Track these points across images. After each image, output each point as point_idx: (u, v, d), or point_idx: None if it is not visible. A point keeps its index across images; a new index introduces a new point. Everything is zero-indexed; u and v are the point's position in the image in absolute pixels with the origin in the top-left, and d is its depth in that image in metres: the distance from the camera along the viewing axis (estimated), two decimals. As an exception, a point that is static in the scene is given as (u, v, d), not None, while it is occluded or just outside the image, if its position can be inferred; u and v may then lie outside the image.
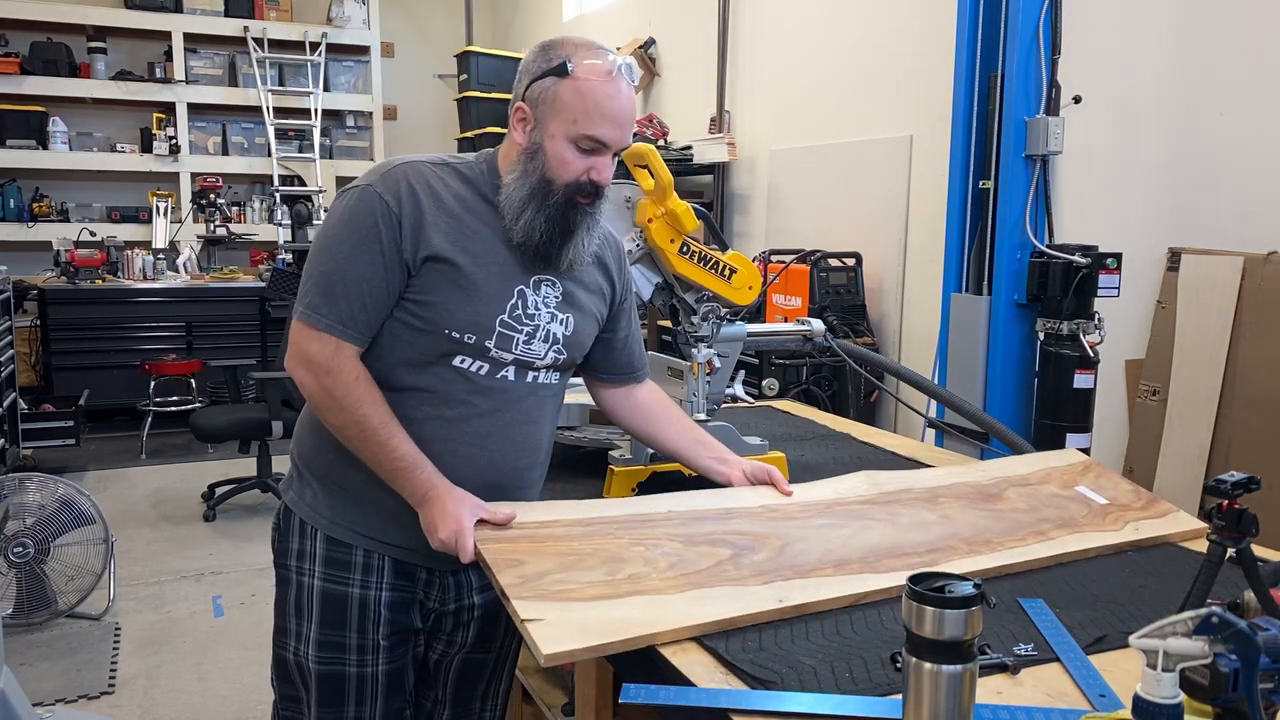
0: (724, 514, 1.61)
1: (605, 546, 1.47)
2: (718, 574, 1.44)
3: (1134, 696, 0.89)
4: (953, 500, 1.75)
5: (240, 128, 7.99)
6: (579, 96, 1.50)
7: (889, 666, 1.23)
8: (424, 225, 1.51)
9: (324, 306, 1.50)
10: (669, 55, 6.37)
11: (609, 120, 1.52)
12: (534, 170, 1.54)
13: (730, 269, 1.98)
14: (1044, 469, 1.93)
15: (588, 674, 1.63)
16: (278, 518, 1.70)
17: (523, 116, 1.55)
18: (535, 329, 1.59)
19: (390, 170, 1.55)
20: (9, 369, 5.34)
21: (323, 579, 1.62)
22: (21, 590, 3.53)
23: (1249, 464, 1.57)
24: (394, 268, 1.51)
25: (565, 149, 1.52)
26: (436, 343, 1.54)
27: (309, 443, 1.66)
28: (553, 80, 1.51)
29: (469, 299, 1.53)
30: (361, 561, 1.62)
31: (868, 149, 4.62)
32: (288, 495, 1.69)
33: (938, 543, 1.60)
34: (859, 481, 1.77)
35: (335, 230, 1.54)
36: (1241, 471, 1.41)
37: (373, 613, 1.61)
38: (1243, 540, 1.35)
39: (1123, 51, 3.57)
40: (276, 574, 1.69)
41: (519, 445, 1.64)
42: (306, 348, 1.52)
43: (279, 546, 1.68)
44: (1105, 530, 1.73)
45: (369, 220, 1.50)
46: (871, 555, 1.54)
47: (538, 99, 1.52)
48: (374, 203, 1.51)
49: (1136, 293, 3.50)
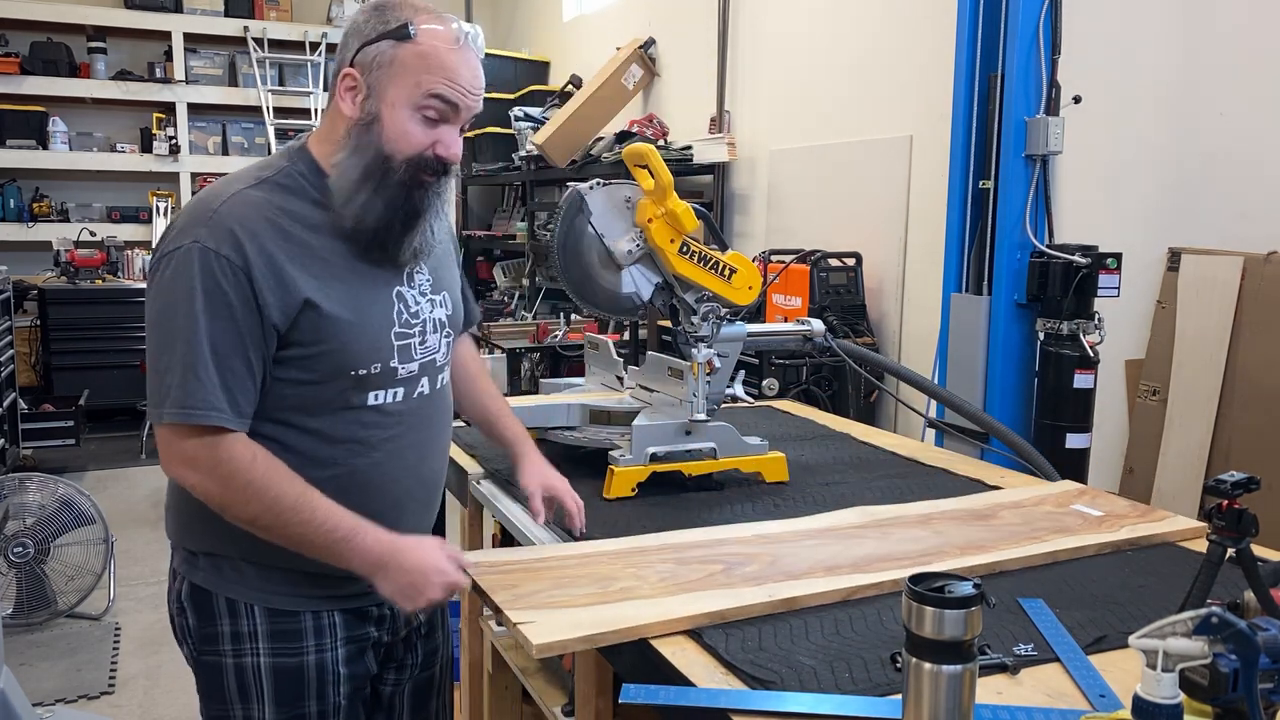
0: (717, 542, 1.63)
1: (597, 570, 1.49)
2: (709, 583, 1.46)
3: (1134, 696, 0.89)
4: (946, 521, 1.77)
5: (240, 128, 7.99)
6: (422, 59, 1.34)
7: (889, 666, 1.23)
8: (279, 269, 1.32)
9: (188, 400, 1.28)
10: (669, 55, 6.37)
11: (457, 84, 1.36)
12: (369, 145, 1.36)
13: (730, 269, 1.98)
14: (1039, 495, 1.96)
15: (588, 674, 1.63)
16: (179, 601, 1.49)
17: (352, 84, 1.36)
18: (423, 324, 1.48)
19: (214, 217, 1.32)
20: (9, 369, 5.34)
21: (272, 655, 1.44)
22: (21, 590, 3.53)
23: (1249, 464, 1.57)
24: (259, 332, 1.32)
25: (407, 118, 1.35)
26: (342, 387, 1.39)
27: (207, 528, 1.42)
28: (390, 44, 1.34)
29: (359, 327, 1.38)
30: (312, 625, 1.46)
31: (868, 149, 4.62)
32: (194, 576, 1.47)
33: (930, 550, 1.62)
34: (852, 514, 1.80)
35: (175, 305, 1.29)
36: (1241, 471, 1.41)
37: (331, 675, 1.48)
38: (1243, 540, 1.35)
39: (1123, 51, 3.57)
40: (198, 664, 1.49)
41: (442, 449, 1.61)
42: (182, 449, 1.31)
43: (199, 633, 1.47)
44: (1101, 533, 1.74)
45: (213, 284, 1.29)
46: (863, 562, 1.56)
47: (372, 63, 1.34)
48: (213, 262, 1.29)
49: (1136, 293, 3.50)
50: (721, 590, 1.43)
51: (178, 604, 1.50)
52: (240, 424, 1.33)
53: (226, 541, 1.42)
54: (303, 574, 1.43)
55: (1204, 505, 3.04)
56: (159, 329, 1.32)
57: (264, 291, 1.31)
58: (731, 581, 1.47)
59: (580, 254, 1.95)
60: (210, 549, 1.45)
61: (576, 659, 1.66)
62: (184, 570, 1.49)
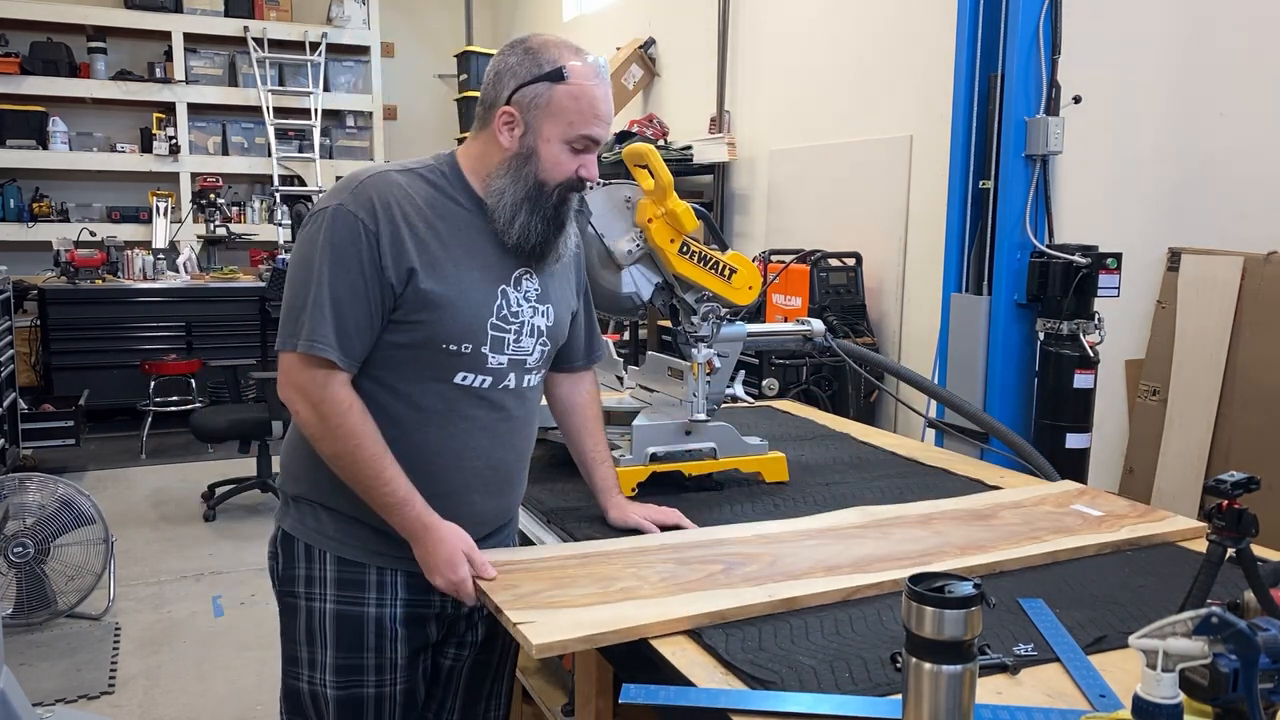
0: (717, 542, 1.64)
1: (598, 570, 1.50)
2: (709, 583, 1.46)
3: (1134, 696, 0.89)
4: (946, 521, 1.77)
5: (240, 128, 7.99)
6: (574, 100, 1.52)
7: (889, 666, 1.23)
8: (402, 240, 1.49)
9: (312, 334, 1.47)
10: (669, 55, 6.37)
11: (602, 121, 1.56)
12: (528, 175, 1.54)
13: (730, 269, 1.98)
14: (1039, 495, 1.96)
15: (588, 674, 1.63)
16: (274, 545, 1.66)
17: (510, 120, 1.54)
18: (521, 325, 1.60)
19: (359, 186, 1.52)
20: (9, 369, 5.34)
21: (336, 602, 1.58)
22: (21, 590, 3.53)
23: (1249, 464, 1.57)
24: (378, 288, 1.49)
25: (560, 151, 1.54)
26: (434, 358, 1.53)
27: (304, 472, 1.62)
28: (546, 86, 1.52)
29: (458, 308, 1.52)
30: (375, 580, 1.59)
31: (868, 149, 4.62)
32: (285, 522, 1.64)
33: (930, 550, 1.62)
34: (852, 514, 1.80)
35: (313, 255, 1.49)
36: (1241, 471, 1.41)
37: (389, 631, 1.59)
38: (1243, 540, 1.35)
39: (1123, 51, 3.57)
40: (281, 603, 1.65)
41: (519, 449, 1.68)
42: (297, 377, 1.49)
43: (283, 574, 1.63)
44: (1101, 533, 1.74)
45: (347, 241, 1.48)
46: (863, 562, 1.56)
47: (529, 104, 1.52)
48: (350, 222, 1.48)
49: (1136, 293, 3.50)
50: (721, 590, 1.43)
51: (272, 548, 1.66)
52: (349, 365, 1.49)
53: (313, 488, 1.59)
54: (372, 530, 1.56)
55: (1204, 505, 3.04)
56: (298, 273, 1.50)
57: (386, 255, 1.48)
58: (731, 581, 1.47)
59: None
60: (301, 493, 1.61)
61: (576, 659, 1.67)
62: (279, 517, 1.66)
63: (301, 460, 1.61)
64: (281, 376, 1.53)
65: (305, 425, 1.51)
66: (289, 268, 1.56)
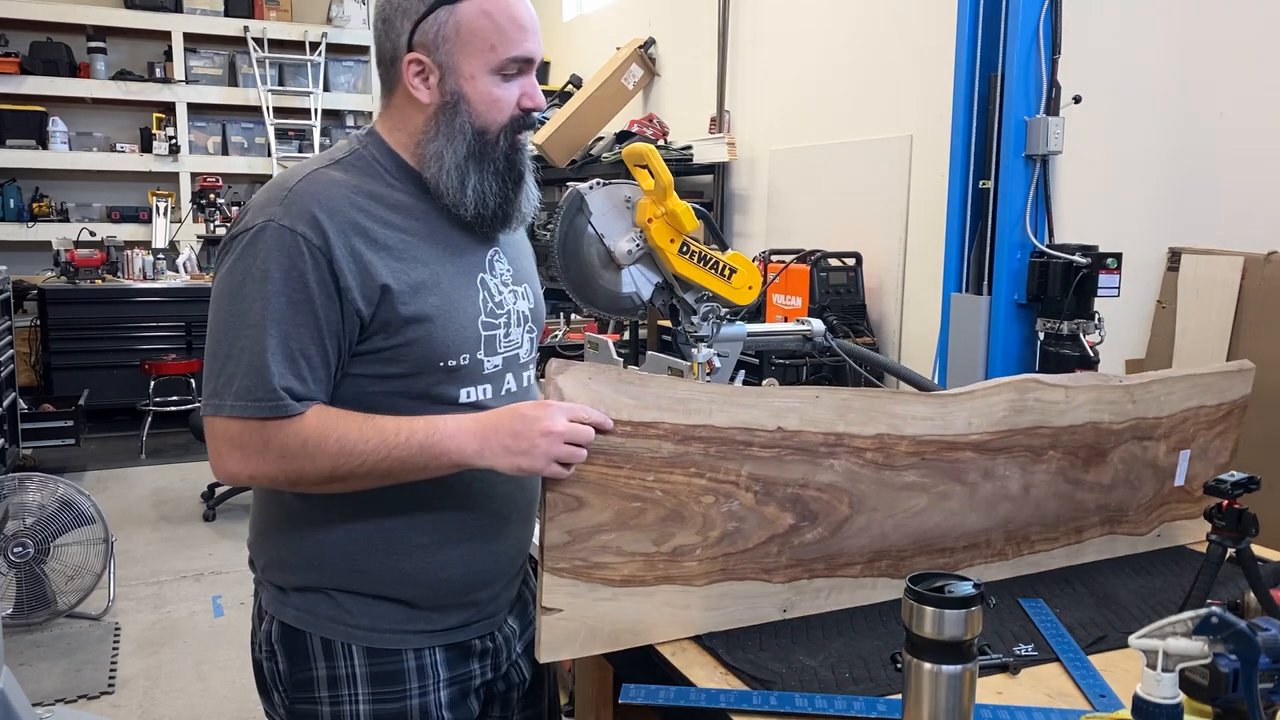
0: (832, 442, 1.43)
1: (676, 490, 1.32)
2: (758, 558, 1.39)
3: (1134, 696, 0.89)
4: (1055, 461, 1.64)
5: (240, 128, 7.99)
6: (487, 17, 1.26)
7: (889, 666, 1.23)
8: (360, 253, 1.23)
9: (252, 390, 1.19)
10: (669, 55, 6.37)
11: (528, 32, 1.29)
12: (462, 125, 1.29)
13: (730, 269, 1.98)
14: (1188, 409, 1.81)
15: (588, 674, 1.63)
16: (268, 644, 1.36)
17: (420, 68, 1.28)
18: (507, 315, 1.38)
19: (290, 195, 1.23)
20: (9, 369, 5.34)
21: (372, 701, 1.33)
22: (21, 590, 3.53)
23: (1249, 464, 1.57)
24: (333, 317, 1.22)
25: (491, 85, 1.28)
26: (432, 382, 1.29)
27: (298, 558, 1.34)
28: (447, 10, 1.25)
29: (447, 314, 1.29)
30: (415, 666, 1.35)
31: (868, 149, 4.62)
32: (284, 614, 1.35)
33: (979, 536, 1.58)
34: (1004, 399, 1.57)
35: (240, 290, 1.20)
36: (1241, 471, 1.41)
37: (435, 718, 1.37)
38: (1243, 540, 1.35)
39: (1123, 51, 3.57)
40: (293, 712, 1.36)
41: None
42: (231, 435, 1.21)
43: (292, 679, 1.34)
44: (1134, 533, 1.74)
45: (284, 264, 1.20)
46: (912, 547, 1.51)
47: (434, 40, 1.26)
48: (286, 242, 1.20)
49: (1136, 293, 3.50)
50: (755, 583, 1.41)
51: (266, 647, 1.37)
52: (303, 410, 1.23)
53: (322, 572, 1.33)
54: (403, 606, 1.34)
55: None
56: (225, 312, 1.22)
57: (346, 275, 1.22)
58: (777, 565, 1.44)
59: (580, 254, 1.95)
60: (304, 583, 1.34)
61: (576, 659, 1.66)
62: (273, 609, 1.36)
63: (290, 544, 1.33)
64: (211, 445, 1.23)
65: (274, 481, 1.24)
66: (211, 308, 1.25)
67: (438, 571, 1.34)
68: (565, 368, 1.23)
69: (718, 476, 1.35)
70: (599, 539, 1.28)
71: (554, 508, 1.24)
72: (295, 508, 1.34)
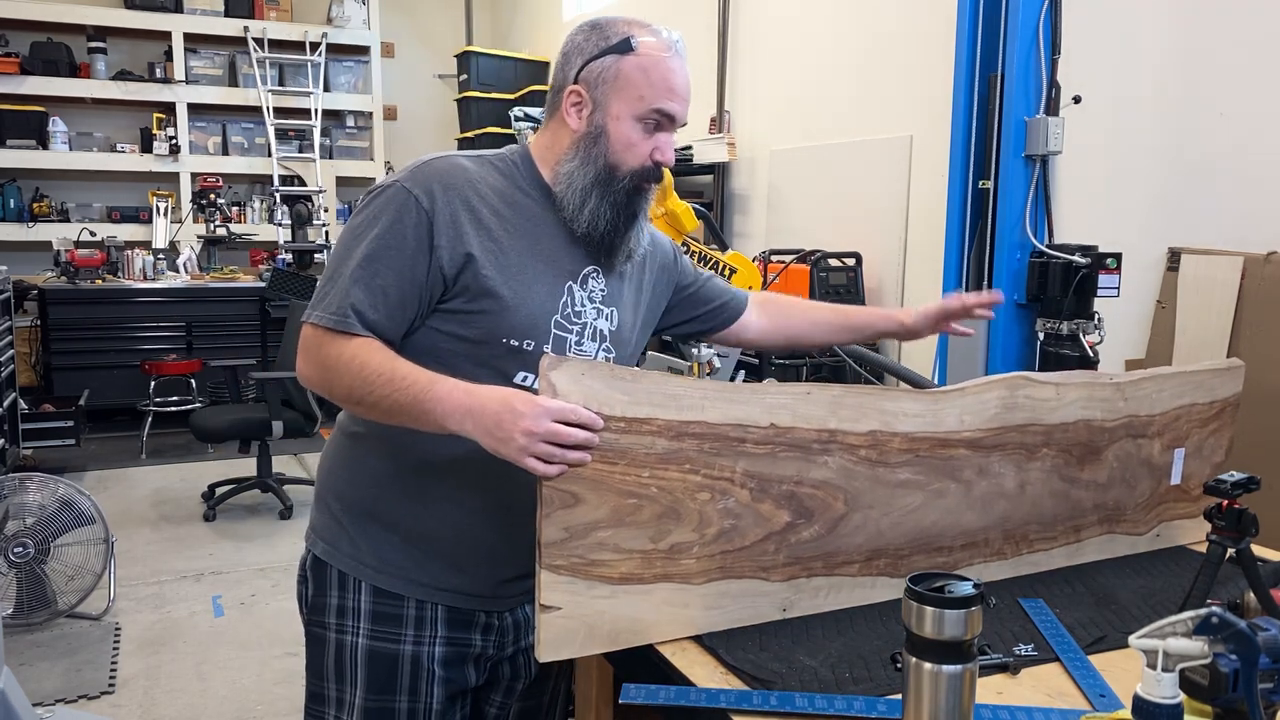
0: (825, 439, 1.43)
1: (672, 486, 1.33)
2: (755, 556, 1.39)
3: (1134, 696, 0.89)
4: (1049, 459, 1.64)
5: (240, 128, 7.99)
6: (644, 72, 1.42)
7: (889, 666, 1.23)
8: (461, 223, 1.40)
9: (338, 306, 1.37)
10: (669, 55, 6.37)
11: (677, 96, 1.45)
12: (597, 156, 1.44)
13: (730, 269, 1.98)
14: (1180, 406, 1.81)
15: (588, 674, 1.63)
16: (303, 569, 1.57)
17: (578, 100, 1.45)
18: (584, 327, 1.50)
19: (421, 167, 1.44)
20: (9, 369, 5.34)
21: (370, 636, 1.48)
22: (21, 590, 3.53)
23: (1249, 464, 1.57)
24: (424, 267, 1.38)
25: (631, 129, 1.43)
26: (494, 354, 1.42)
27: (342, 479, 1.52)
28: (614, 58, 1.42)
29: (521, 299, 1.42)
30: (414, 614, 1.48)
31: (868, 149, 4.62)
32: (317, 546, 1.54)
33: (977, 534, 1.58)
34: (995, 396, 1.57)
35: (356, 229, 1.41)
36: (1241, 471, 1.41)
37: (426, 671, 1.48)
38: (1243, 540, 1.35)
39: (1123, 51, 3.57)
40: (308, 633, 1.54)
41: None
42: (308, 345, 1.39)
43: (313, 602, 1.53)
44: (1133, 533, 1.74)
45: (393, 216, 1.39)
46: (909, 546, 1.51)
47: (596, 80, 1.43)
48: (401, 199, 1.39)
49: (1136, 293, 3.50)
50: (753, 581, 1.41)
51: (301, 572, 1.58)
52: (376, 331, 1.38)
53: (351, 494, 1.51)
54: (414, 557, 1.47)
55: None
56: (342, 245, 1.43)
57: (440, 235, 1.38)
58: (775, 563, 1.43)
59: (580, 254, 1.95)
60: (340, 500, 1.52)
61: (576, 659, 1.66)
62: (309, 542, 1.57)
63: (341, 465, 1.53)
64: (299, 353, 1.43)
65: (310, 383, 1.41)
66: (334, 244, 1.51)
67: (449, 528, 1.47)
68: (559, 363, 1.24)
69: (712, 473, 1.35)
70: (596, 536, 1.28)
71: (550, 504, 1.25)
72: (342, 443, 1.55)
